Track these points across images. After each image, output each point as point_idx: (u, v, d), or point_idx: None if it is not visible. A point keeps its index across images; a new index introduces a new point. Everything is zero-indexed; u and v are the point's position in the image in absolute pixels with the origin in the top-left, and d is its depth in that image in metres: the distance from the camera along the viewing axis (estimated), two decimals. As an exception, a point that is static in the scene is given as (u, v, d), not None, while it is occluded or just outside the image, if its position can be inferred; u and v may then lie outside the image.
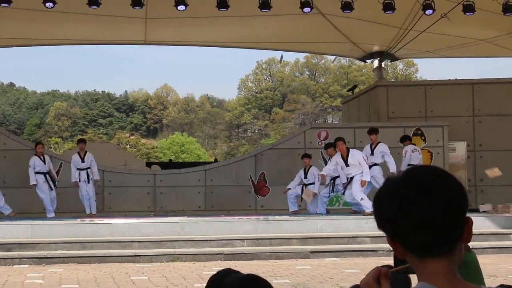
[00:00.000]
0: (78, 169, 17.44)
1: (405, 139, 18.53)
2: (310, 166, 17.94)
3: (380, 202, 1.79)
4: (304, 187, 17.49)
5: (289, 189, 17.80)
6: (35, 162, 17.10)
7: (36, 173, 17.19)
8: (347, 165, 16.08)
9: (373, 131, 17.61)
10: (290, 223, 13.85)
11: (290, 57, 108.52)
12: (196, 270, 10.62)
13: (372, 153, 17.30)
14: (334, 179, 17.03)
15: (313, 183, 17.43)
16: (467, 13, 17.54)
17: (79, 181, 17.35)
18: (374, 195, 1.85)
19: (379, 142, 17.51)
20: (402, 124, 20.51)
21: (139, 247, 12.34)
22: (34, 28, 21.73)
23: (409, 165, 17.36)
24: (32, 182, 16.83)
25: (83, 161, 17.46)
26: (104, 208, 18.36)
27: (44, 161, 17.31)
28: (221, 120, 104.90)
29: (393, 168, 16.64)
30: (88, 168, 17.47)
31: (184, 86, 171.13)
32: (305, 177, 17.67)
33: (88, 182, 17.40)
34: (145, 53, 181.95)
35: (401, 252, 1.77)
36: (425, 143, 20.38)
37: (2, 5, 16.75)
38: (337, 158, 16.37)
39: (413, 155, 17.90)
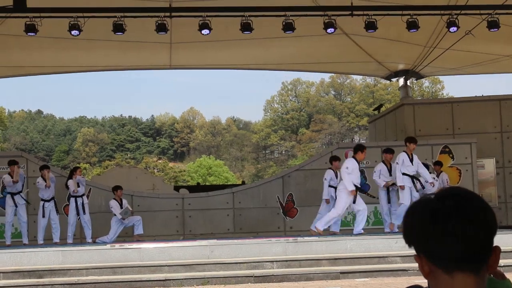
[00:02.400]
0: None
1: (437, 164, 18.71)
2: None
3: (412, 213, 1.80)
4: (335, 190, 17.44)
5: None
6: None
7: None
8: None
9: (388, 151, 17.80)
10: (320, 244, 13.80)
11: (315, 77, 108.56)
12: (227, 293, 10.63)
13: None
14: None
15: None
16: (492, 29, 17.45)
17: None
18: (405, 211, 1.86)
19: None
20: (430, 142, 20.41)
21: (169, 271, 12.35)
22: (60, 56, 22.00)
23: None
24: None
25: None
26: (133, 233, 18.40)
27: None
28: (248, 142, 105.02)
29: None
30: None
31: (210, 109, 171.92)
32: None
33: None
34: (170, 77, 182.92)
35: (426, 271, 1.77)
36: (453, 160, 20.25)
37: (28, 34, 16.95)
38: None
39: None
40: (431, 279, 1.78)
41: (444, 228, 1.71)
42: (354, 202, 16.13)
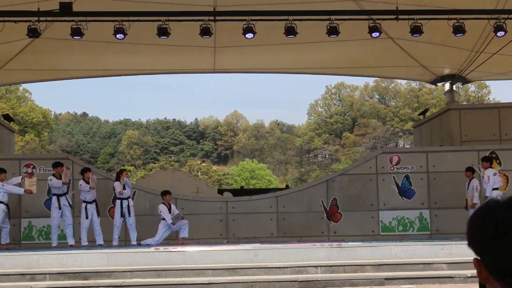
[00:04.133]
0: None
1: (486, 161, 18.33)
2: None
3: (477, 220, 1.76)
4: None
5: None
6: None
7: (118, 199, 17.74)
8: None
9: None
10: (364, 250, 13.71)
11: (360, 81, 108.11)
12: (270, 298, 10.60)
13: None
14: None
15: None
16: (541, 34, 17.22)
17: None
18: (472, 213, 1.82)
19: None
20: (476, 147, 20.17)
21: (212, 275, 12.37)
22: (105, 59, 22.22)
23: (494, 189, 17.24)
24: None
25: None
26: (177, 236, 18.46)
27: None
28: (291, 146, 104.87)
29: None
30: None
31: (254, 112, 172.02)
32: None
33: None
34: (214, 80, 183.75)
35: (485, 277, 1.74)
36: (500, 166, 19.98)
37: (74, 37, 17.14)
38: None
39: (496, 179, 17.66)
40: (489, 284, 1.74)
41: (506, 242, 1.67)
42: None
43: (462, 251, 13.05)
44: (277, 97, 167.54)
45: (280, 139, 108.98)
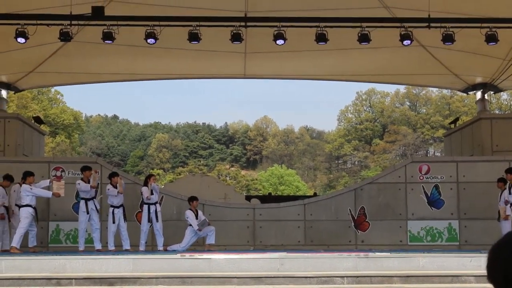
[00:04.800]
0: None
1: (501, 181, 18.09)
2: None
3: (498, 254, 1.67)
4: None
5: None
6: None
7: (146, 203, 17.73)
8: None
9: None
10: (391, 260, 13.56)
11: (390, 87, 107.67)
12: (295, 308, 10.50)
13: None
14: None
15: None
16: None
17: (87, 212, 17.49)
18: (492, 246, 1.72)
19: None
20: (507, 157, 19.90)
21: (238, 283, 12.29)
22: (136, 63, 22.29)
23: None
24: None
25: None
26: (204, 242, 18.44)
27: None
28: (320, 152, 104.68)
29: None
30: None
31: (284, 117, 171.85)
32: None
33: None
34: (244, 85, 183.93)
35: None
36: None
37: (106, 41, 17.20)
38: None
39: None
40: None
41: None
42: None
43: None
44: (307, 102, 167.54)
45: (309, 145, 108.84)
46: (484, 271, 1.78)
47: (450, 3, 17.43)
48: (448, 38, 17.14)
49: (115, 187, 17.44)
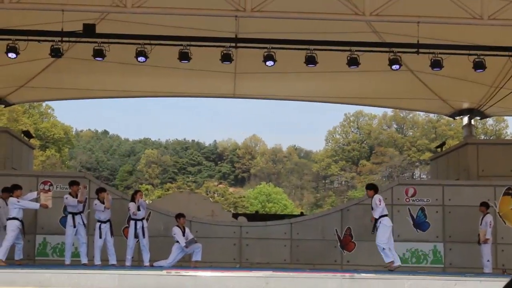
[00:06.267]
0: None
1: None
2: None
3: None
4: None
5: None
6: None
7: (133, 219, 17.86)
8: None
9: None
10: (377, 282, 13.63)
11: (378, 110, 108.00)
12: (279, 327, 10.58)
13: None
14: None
15: None
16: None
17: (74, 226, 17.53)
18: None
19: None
20: (493, 183, 20.10)
21: (223, 301, 12.37)
22: (126, 81, 22.43)
23: None
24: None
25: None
26: (190, 258, 18.50)
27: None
28: (308, 171, 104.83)
29: None
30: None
31: (272, 136, 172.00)
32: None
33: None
34: (234, 104, 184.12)
35: None
36: (516, 202, 19.93)
37: (96, 59, 17.32)
38: None
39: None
40: None
41: None
42: None
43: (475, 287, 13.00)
44: (296, 122, 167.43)
45: (297, 164, 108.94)
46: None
47: (439, 30, 17.63)
48: (436, 64, 17.35)
49: (102, 202, 17.53)
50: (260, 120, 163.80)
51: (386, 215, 17.13)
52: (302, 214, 30.06)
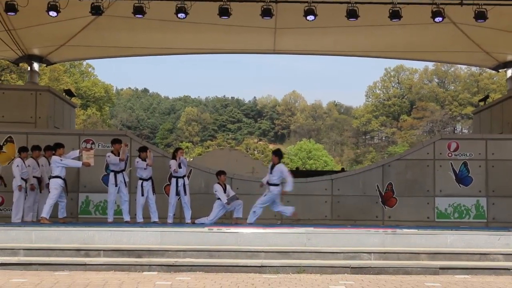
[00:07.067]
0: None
1: None
2: None
3: None
4: None
5: None
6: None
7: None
8: None
9: None
10: (419, 237, 13.57)
11: (419, 64, 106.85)
12: (323, 283, 10.53)
13: None
14: None
15: None
16: None
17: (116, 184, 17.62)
18: None
19: None
20: (537, 137, 19.81)
21: (265, 258, 12.37)
22: (166, 38, 22.32)
23: None
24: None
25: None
26: (231, 215, 18.54)
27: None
28: (348, 127, 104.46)
29: None
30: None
31: (312, 92, 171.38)
32: None
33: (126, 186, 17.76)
34: (274, 60, 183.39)
35: None
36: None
37: (136, 16, 17.27)
38: None
39: None
40: None
41: None
42: None
43: (520, 242, 12.89)
44: (336, 78, 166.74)
45: (337, 120, 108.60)
46: None
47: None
48: (480, 16, 17.00)
49: (144, 160, 17.59)
50: (300, 76, 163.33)
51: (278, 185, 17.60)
52: (343, 170, 29.90)
